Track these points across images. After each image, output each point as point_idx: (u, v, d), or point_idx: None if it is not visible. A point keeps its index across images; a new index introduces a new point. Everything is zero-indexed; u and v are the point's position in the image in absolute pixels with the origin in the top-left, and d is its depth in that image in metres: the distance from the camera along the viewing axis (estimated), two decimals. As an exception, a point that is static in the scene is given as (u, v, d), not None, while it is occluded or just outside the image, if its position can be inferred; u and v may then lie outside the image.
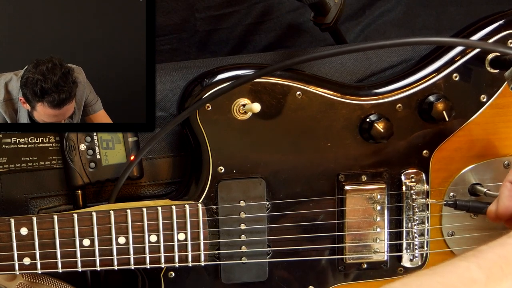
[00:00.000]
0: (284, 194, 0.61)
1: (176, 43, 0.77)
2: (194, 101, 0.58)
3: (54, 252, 0.57)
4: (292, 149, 0.60)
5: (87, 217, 0.57)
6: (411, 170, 0.61)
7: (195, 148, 0.60)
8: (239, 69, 0.58)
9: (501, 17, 0.59)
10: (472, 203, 0.59)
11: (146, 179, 0.65)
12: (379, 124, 0.58)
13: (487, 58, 0.59)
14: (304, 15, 0.79)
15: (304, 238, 0.58)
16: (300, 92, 0.59)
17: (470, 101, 0.60)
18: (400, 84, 0.60)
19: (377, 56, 0.67)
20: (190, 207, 0.59)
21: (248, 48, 0.79)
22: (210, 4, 0.75)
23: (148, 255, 0.59)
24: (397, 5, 0.81)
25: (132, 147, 0.62)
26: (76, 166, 0.61)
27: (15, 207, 0.64)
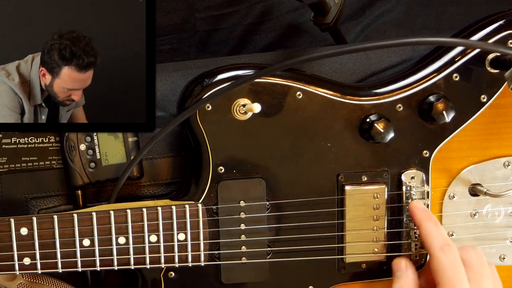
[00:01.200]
0: (284, 194, 0.61)
1: (176, 43, 0.77)
2: (194, 101, 0.58)
3: (54, 252, 0.57)
4: (292, 150, 0.60)
5: (87, 217, 0.57)
6: (411, 170, 0.61)
7: (195, 148, 0.60)
8: (239, 69, 0.58)
9: (501, 17, 0.59)
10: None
11: (146, 179, 0.65)
12: (379, 124, 0.58)
13: (488, 58, 0.59)
14: (304, 15, 0.79)
15: (304, 238, 0.58)
16: (300, 92, 0.59)
17: (470, 101, 0.60)
18: (400, 84, 0.60)
19: (377, 56, 0.67)
20: (190, 207, 0.59)
21: (248, 48, 0.79)
22: (210, 4, 0.75)
23: (148, 255, 0.59)
24: (397, 5, 0.81)
25: (132, 147, 0.62)
26: (76, 166, 0.61)
27: (15, 207, 0.64)
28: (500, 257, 0.64)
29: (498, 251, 0.64)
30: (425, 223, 0.57)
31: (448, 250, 0.53)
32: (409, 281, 0.56)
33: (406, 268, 0.58)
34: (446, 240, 0.55)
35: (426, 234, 0.56)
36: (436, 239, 0.55)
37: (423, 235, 0.56)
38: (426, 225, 0.56)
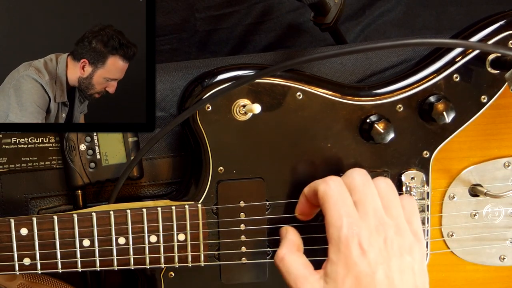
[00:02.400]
0: (284, 195, 0.61)
1: (176, 43, 0.77)
2: (194, 101, 0.58)
3: (54, 253, 0.57)
4: (292, 150, 0.60)
5: (87, 217, 0.57)
6: (411, 171, 0.61)
7: (195, 148, 0.60)
8: (239, 70, 0.58)
9: (502, 17, 0.59)
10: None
11: (146, 179, 0.65)
12: (379, 124, 0.58)
13: (488, 59, 0.59)
14: (304, 15, 0.79)
15: (304, 239, 0.58)
16: (300, 93, 0.59)
17: (471, 102, 0.60)
18: (400, 84, 0.60)
19: (377, 56, 0.67)
20: (190, 208, 0.59)
21: (248, 48, 0.79)
22: (210, 4, 0.75)
23: (148, 255, 0.59)
24: (397, 5, 0.81)
25: (132, 147, 0.62)
26: (76, 166, 0.61)
27: (15, 207, 0.64)
28: (500, 257, 0.64)
29: (498, 251, 0.64)
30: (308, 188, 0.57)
31: (329, 180, 0.53)
32: (288, 243, 0.56)
33: (286, 233, 0.58)
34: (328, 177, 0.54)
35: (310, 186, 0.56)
36: (319, 181, 0.55)
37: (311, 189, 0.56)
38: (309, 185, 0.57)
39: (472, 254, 0.64)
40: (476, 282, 0.65)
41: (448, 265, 0.64)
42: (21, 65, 0.59)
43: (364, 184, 0.53)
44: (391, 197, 0.53)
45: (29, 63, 0.59)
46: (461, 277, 0.65)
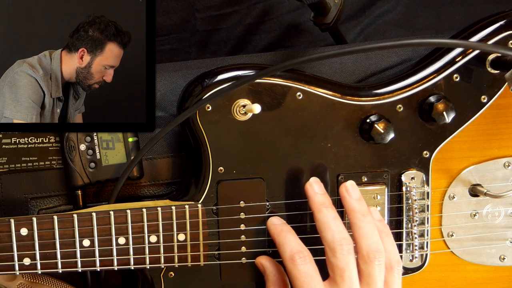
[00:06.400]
0: (284, 195, 0.61)
1: (176, 43, 0.77)
2: (194, 101, 0.58)
3: (54, 253, 0.57)
4: (292, 150, 0.60)
5: (87, 217, 0.57)
6: (412, 171, 0.61)
7: (195, 148, 0.60)
8: (239, 70, 0.58)
9: (502, 17, 0.59)
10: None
11: (146, 179, 0.65)
12: (379, 125, 0.58)
13: (488, 59, 0.59)
14: (304, 15, 0.79)
15: (304, 239, 0.58)
16: (300, 93, 0.59)
17: (471, 102, 0.60)
18: (400, 84, 0.60)
19: (377, 56, 0.67)
20: (190, 208, 0.59)
21: (248, 48, 0.79)
22: (210, 4, 0.75)
23: (148, 255, 0.59)
24: (397, 5, 0.81)
25: (132, 147, 0.62)
26: (76, 166, 0.61)
27: (15, 207, 0.64)
28: (500, 257, 0.64)
29: (498, 251, 0.64)
30: (277, 236, 0.58)
31: (298, 258, 0.55)
32: (272, 284, 0.59)
33: (265, 268, 0.60)
34: (296, 248, 0.56)
35: (278, 246, 0.57)
36: (286, 250, 0.56)
37: (278, 247, 0.57)
38: (277, 238, 0.58)
39: (472, 254, 0.64)
40: (476, 282, 0.65)
41: (448, 265, 0.64)
42: (15, 63, 0.59)
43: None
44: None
45: (23, 60, 0.59)
46: (461, 277, 0.65)
